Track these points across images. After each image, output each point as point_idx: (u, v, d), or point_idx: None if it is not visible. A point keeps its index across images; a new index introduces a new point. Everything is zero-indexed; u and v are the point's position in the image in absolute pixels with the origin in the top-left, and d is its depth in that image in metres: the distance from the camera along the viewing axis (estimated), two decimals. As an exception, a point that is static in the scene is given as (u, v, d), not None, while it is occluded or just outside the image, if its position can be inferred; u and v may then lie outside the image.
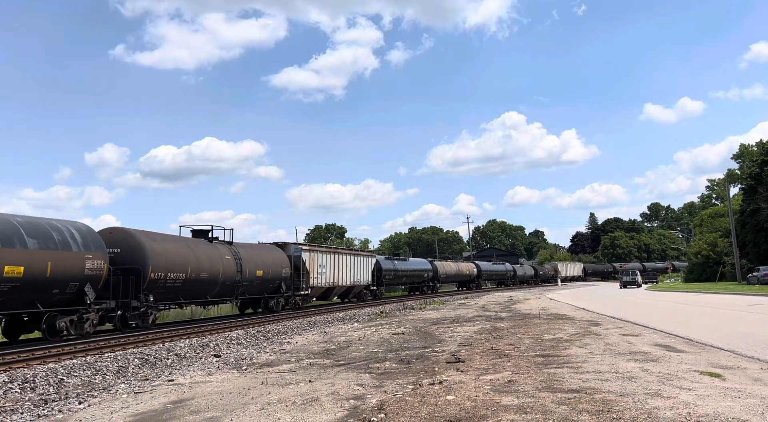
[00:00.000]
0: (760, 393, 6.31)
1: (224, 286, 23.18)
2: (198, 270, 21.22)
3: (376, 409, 6.27)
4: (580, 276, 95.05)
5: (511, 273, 73.28)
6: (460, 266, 60.09)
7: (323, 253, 31.96)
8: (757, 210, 49.41)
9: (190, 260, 21.02)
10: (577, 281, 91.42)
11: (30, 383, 9.87)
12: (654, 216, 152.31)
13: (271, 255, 27.34)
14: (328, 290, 33.05)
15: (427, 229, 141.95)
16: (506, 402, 6.30)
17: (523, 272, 77.58)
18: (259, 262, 25.75)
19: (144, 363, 12.30)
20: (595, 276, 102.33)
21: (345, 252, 35.43)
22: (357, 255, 37.11)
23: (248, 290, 25.22)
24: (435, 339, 13.70)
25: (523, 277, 77.43)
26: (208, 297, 22.92)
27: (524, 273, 78.09)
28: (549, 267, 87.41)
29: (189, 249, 21.44)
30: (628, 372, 7.93)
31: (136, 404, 7.56)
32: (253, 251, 26.22)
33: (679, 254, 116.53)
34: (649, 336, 12.41)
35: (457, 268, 58.59)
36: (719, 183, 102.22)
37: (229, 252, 23.94)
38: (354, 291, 37.10)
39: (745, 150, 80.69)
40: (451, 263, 59.17)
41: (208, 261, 22.12)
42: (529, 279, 79.54)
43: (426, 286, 50.82)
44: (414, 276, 48.44)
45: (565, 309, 23.22)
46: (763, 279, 42.00)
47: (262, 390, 7.89)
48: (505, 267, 72.82)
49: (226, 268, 23.04)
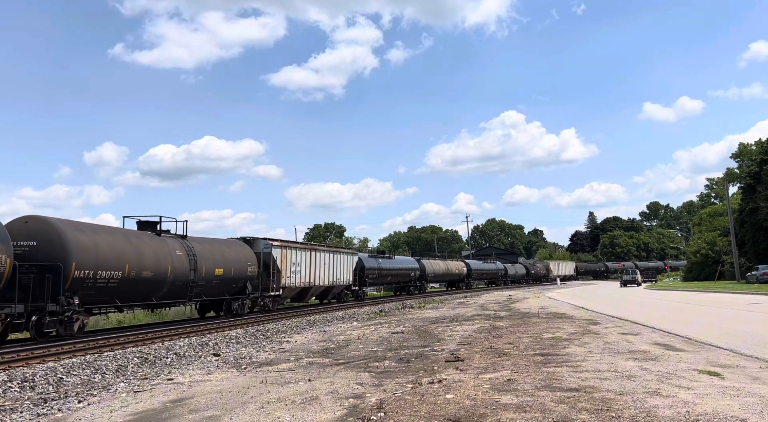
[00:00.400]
0: (758, 392, 6.32)
1: (174, 287, 20.08)
2: (139, 268, 18.17)
3: (376, 408, 6.28)
4: (572, 276, 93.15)
5: (502, 272, 71.13)
6: (449, 265, 57.55)
7: (298, 250, 29.04)
8: (756, 209, 49.42)
9: (128, 255, 17.87)
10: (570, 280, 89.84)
11: (29, 382, 9.87)
12: (653, 215, 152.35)
13: (234, 251, 24.30)
14: (304, 290, 30.16)
15: (427, 228, 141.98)
16: (505, 400, 6.31)
17: (514, 271, 75.53)
18: (219, 259, 22.72)
19: (143, 362, 12.30)
20: (587, 276, 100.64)
21: (323, 249, 32.43)
22: (336, 253, 34.12)
23: (205, 291, 22.17)
24: (434, 338, 13.71)
25: (515, 276, 75.46)
26: (153, 299, 19.56)
27: (516, 272, 76.09)
28: (541, 266, 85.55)
29: (128, 243, 18.29)
30: (627, 370, 7.94)
31: (136, 403, 7.56)
32: (212, 247, 23.05)
33: (678, 253, 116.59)
34: (648, 335, 12.43)
35: (446, 267, 56.01)
36: (718, 182, 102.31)
37: (182, 247, 20.79)
38: (333, 291, 34.50)
39: (744, 149, 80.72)
40: (440, 261, 56.53)
41: (154, 257, 19.01)
42: (520, 278, 77.69)
43: (413, 286, 48.20)
44: (400, 276, 45.80)
45: (564, 308, 23.24)
46: (762, 278, 42.00)
47: (261, 389, 7.89)
48: (496, 266, 70.67)
49: (176, 266, 20.00)
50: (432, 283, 57.30)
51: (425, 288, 50.64)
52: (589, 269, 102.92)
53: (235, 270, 23.62)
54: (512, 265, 76.30)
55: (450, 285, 62.15)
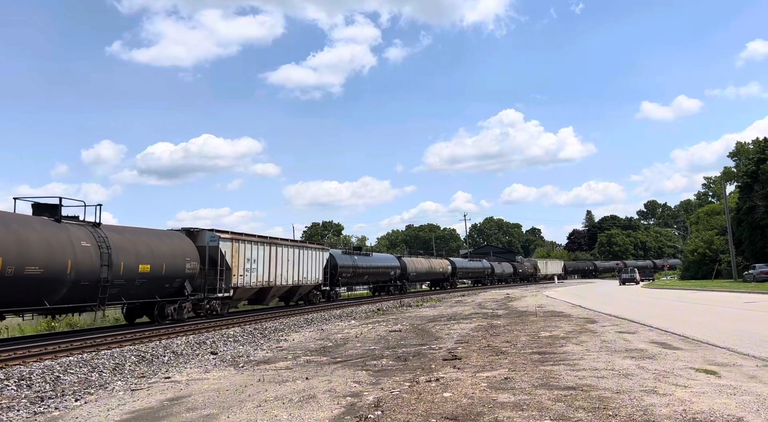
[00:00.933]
0: (755, 391, 6.33)
1: (78, 287, 15.97)
2: (21, 263, 14.12)
3: (373, 406, 6.28)
4: (560, 275, 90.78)
5: (488, 270, 67.91)
6: (433, 263, 54.64)
7: (253, 244, 25.33)
8: (753, 207, 49.52)
9: (4, 247, 13.81)
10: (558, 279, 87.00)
11: (26, 380, 9.86)
12: (651, 213, 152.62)
13: (167, 244, 20.07)
14: (262, 291, 26.58)
15: (425, 227, 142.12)
16: (503, 399, 6.31)
17: (501, 270, 72.49)
18: (145, 253, 18.62)
19: (141, 360, 12.29)
20: (576, 274, 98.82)
21: (285, 243, 28.69)
22: (303, 248, 30.49)
23: (126, 292, 18.03)
24: (432, 337, 13.72)
25: (502, 275, 72.72)
26: (46, 303, 15.35)
27: (503, 271, 73.21)
28: (529, 265, 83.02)
29: (5, 231, 14.08)
30: (624, 369, 7.95)
31: (133, 401, 7.55)
32: (135, 238, 18.78)
33: (675, 252, 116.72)
34: (645, 334, 12.45)
35: (429, 265, 53.16)
36: (716, 181, 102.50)
37: (90, 237, 16.61)
38: (300, 292, 30.97)
39: (741, 148, 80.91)
40: (423, 259, 53.34)
41: (46, 248, 14.91)
42: (508, 277, 75.14)
43: (393, 286, 44.91)
44: (378, 274, 42.40)
45: (562, 307, 23.26)
46: (759, 276, 42.08)
47: (258, 388, 7.89)
48: (482, 265, 67.49)
49: (80, 260, 15.88)
50: (414, 283, 55.14)
51: (406, 288, 47.79)
52: (577, 268, 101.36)
53: (169, 266, 19.57)
54: (499, 264, 73.48)
55: (434, 284, 59.57)
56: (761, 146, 54.10)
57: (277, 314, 24.73)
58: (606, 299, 30.07)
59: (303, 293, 31.46)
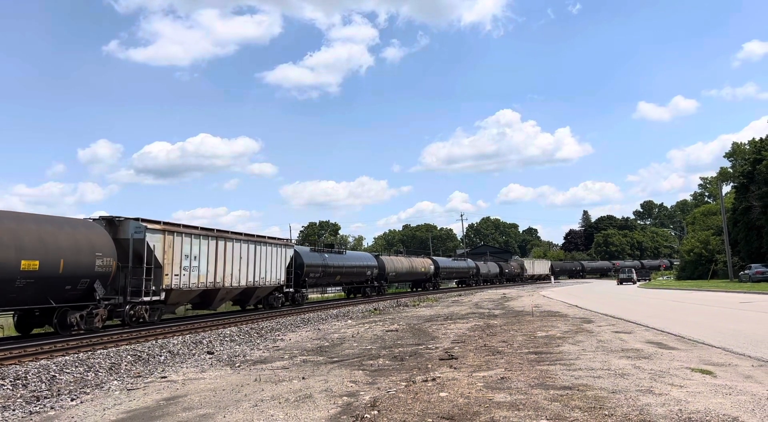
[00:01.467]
0: (750, 390, 6.35)
1: None
2: None
3: (369, 406, 6.28)
4: (547, 275, 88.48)
5: (473, 270, 64.74)
6: (414, 262, 50.95)
7: (194, 237, 21.50)
8: (749, 208, 49.64)
9: None
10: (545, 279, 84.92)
11: (22, 380, 9.83)
12: (647, 214, 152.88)
13: (68, 235, 16.13)
14: (207, 294, 22.78)
15: (421, 227, 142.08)
16: (499, 398, 6.32)
17: (487, 270, 69.56)
18: (31, 246, 14.72)
19: (137, 360, 12.26)
20: (563, 275, 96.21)
21: (237, 238, 24.44)
22: (260, 244, 26.12)
23: (4, 296, 14.36)
24: (428, 336, 13.72)
25: (488, 275, 69.68)
26: None
27: (488, 271, 70.18)
28: (515, 265, 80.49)
29: None
30: (621, 369, 7.97)
31: (129, 401, 7.54)
32: (18, 226, 14.79)
33: (671, 252, 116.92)
34: (642, 334, 12.47)
35: (410, 265, 49.52)
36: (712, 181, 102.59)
37: None
38: (257, 294, 26.98)
39: (737, 148, 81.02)
40: (403, 258, 49.89)
41: None
42: (493, 277, 72.15)
43: (369, 287, 41.44)
44: (353, 275, 38.69)
45: (558, 307, 23.29)
46: (755, 276, 42.18)
47: (255, 387, 7.88)
48: (467, 264, 64.19)
49: None
50: (394, 283, 51.29)
51: (385, 289, 44.52)
52: (564, 268, 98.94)
53: (69, 263, 15.76)
54: (485, 263, 70.81)
55: (415, 285, 56.07)
56: (757, 147, 54.21)
57: (274, 314, 24.70)
58: (602, 299, 30.12)
59: (261, 296, 27.65)
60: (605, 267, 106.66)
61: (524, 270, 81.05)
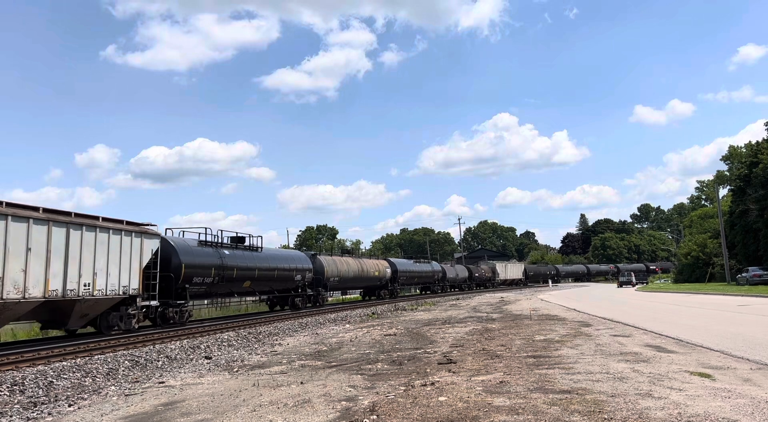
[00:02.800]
0: (749, 394, 6.35)
1: None
2: None
3: (368, 411, 6.27)
4: (521, 280, 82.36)
5: (439, 275, 57.30)
6: (365, 265, 41.14)
7: None
8: (746, 211, 49.76)
9: None
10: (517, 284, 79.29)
11: (19, 385, 9.79)
12: (644, 217, 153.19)
13: None
14: None
15: (419, 230, 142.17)
16: (498, 403, 6.31)
17: (454, 274, 62.44)
18: None
19: (134, 365, 12.22)
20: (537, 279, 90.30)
21: (30, 216, 14.80)
22: (87, 229, 16.70)
23: None
24: (427, 341, 13.70)
25: (455, 281, 62.46)
26: None
27: (456, 275, 62.94)
28: (486, 269, 73.07)
29: None
30: (619, 372, 7.96)
31: (127, 406, 7.51)
32: None
33: (668, 255, 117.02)
34: (640, 337, 12.47)
35: (359, 268, 39.73)
36: (708, 184, 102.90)
37: None
38: (83, 311, 16.96)
39: (734, 151, 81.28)
40: (350, 260, 40.06)
41: None
42: (461, 282, 64.75)
43: (300, 297, 31.13)
44: (272, 280, 28.16)
45: (556, 310, 23.30)
46: (752, 279, 42.27)
47: (253, 392, 7.86)
48: (432, 268, 56.68)
49: None
50: (338, 290, 42.95)
51: (325, 299, 35.75)
52: (538, 272, 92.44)
53: None
54: (452, 267, 64.02)
55: (368, 292, 45.85)
56: (754, 150, 54.36)
57: (272, 318, 24.63)
58: (600, 303, 30.12)
59: (92, 313, 17.63)
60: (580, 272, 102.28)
61: (496, 274, 74.25)
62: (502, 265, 78.75)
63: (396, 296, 46.26)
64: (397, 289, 46.76)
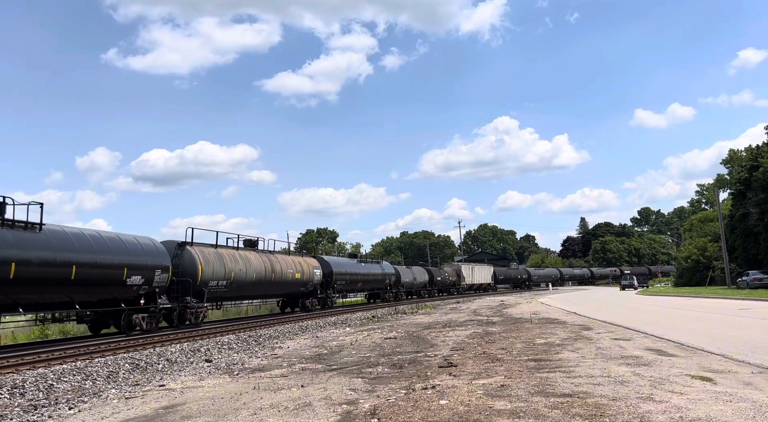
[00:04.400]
0: (751, 397, 6.34)
1: None
2: None
3: (369, 414, 6.26)
4: (490, 284, 74.37)
5: (392, 278, 46.31)
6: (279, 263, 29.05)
7: None
8: (746, 214, 49.73)
9: None
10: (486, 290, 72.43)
11: (19, 388, 9.78)
12: (644, 220, 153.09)
13: None
14: None
15: (419, 234, 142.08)
16: (499, 406, 6.30)
17: (411, 278, 51.21)
18: None
19: (135, 368, 12.21)
20: (507, 284, 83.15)
21: None
22: None
23: None
24: (427, 344, 13.68)
25: (412, 285, 51.73)
26: None
27: (414, 279, 51.75)
28: (450, 272, 62.66)
29: None
30: (620, 376, 7.95)
31: (127, 409, 7.50)
32: None
33: (669, 258, 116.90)
34: (641, 341, 12.45)
35: (265, 267, 27.33)
36: (709, 188, 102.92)
37: None
38: None
39: (734, 155, 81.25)
40: (251, 255, 26.96)
41: None
42: (420, 288, 54.17)
43: (148, 312, 20.09)
44: (87, 284, 17.49)
45: (557, 314, 23.28)
46: (753, 283, 42.19)
47: (254, 396, 7.85)
48: (382, 270, 44.68)
49: None
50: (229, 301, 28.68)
51: (201, 316, 23.15)
52: (508, 276, 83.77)
53: None
54: (409, 270, 52.79)
55: (290, 301, 33.33)
56: (754, 153, 54.36)
57: (272, 321, 24.61)
58: (600, 306, 30.11)
59: None
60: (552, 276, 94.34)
61: (462, 278, 64.16)
62: (468, 268, 69.00)
63: (331, 306, 35.62)
64: (331, 297, 35.44)
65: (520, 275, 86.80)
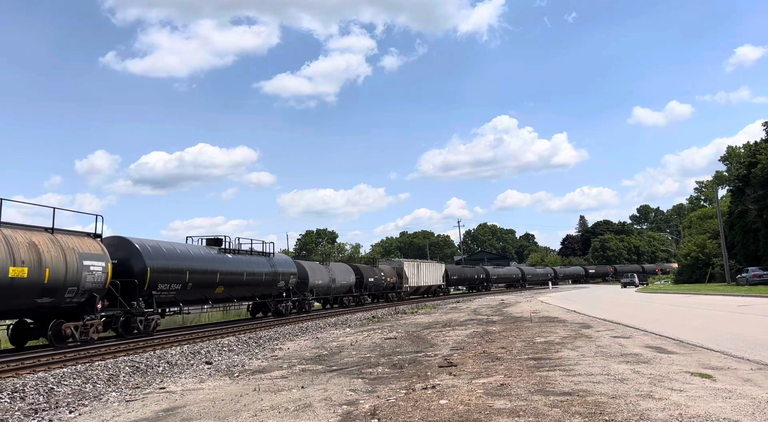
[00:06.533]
0: (750, 394, 6.35)
1: None
2: None
3: (369, 414, 6.26)
4: (440, 286, 58.28)
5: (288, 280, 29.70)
6: None
7: None
8: (745, 211, 49.81)
9: None
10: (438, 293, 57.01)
11: (19, 392, 9.77)
12: (643, 218, 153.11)
13: None
14: None
15: (419, 233, 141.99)
16: (499, 405, 6.31)
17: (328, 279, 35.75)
18: None
19: (135, 370, 12.21)
20: (462, 285, 69.07)
21: None
22: None
23: None
24: (427, 344, 13.70)
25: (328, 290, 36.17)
26: None
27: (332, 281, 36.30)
28: (388, 271, 47.41)
29: None
30: (620, 374, 7.97)
31: (128, 412, 7.50)
32: None
33: (668, 256, 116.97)
34: (640, 338, 12.47)
35: None
36: (707, 185, 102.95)
37: None
38: None
39: (732, 152, 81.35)
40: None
41: None
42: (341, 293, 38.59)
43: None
44: None
45: (556, 312, 23.29)
46: (752, 280, 42.27)
47: (254, 397, 7.86)
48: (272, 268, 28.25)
49: None
50: None
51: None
52: (464, 276, 68.39)
53: None
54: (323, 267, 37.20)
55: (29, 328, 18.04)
56: (752, 150, 54.42)
57: (272, 323, 24.62)
58: (599, 304, 30.13)
59: None
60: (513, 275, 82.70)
61: (404, 279, 49.23)
62: (413, 265, 53.28)
63: (148, 331, 20.22)
64: (152, 320, 20.19)
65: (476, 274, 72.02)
